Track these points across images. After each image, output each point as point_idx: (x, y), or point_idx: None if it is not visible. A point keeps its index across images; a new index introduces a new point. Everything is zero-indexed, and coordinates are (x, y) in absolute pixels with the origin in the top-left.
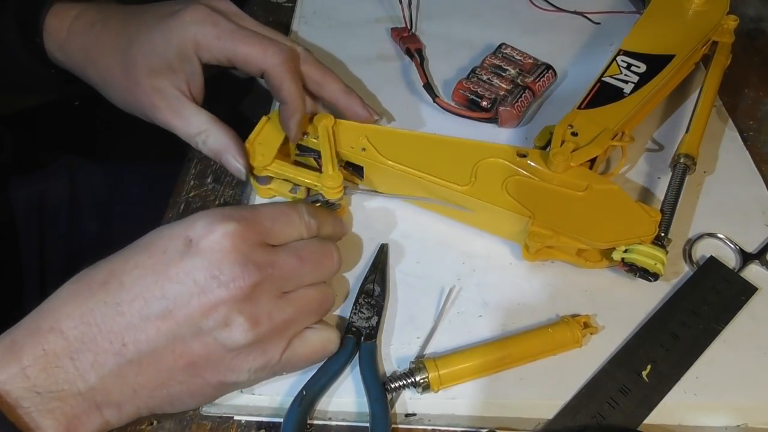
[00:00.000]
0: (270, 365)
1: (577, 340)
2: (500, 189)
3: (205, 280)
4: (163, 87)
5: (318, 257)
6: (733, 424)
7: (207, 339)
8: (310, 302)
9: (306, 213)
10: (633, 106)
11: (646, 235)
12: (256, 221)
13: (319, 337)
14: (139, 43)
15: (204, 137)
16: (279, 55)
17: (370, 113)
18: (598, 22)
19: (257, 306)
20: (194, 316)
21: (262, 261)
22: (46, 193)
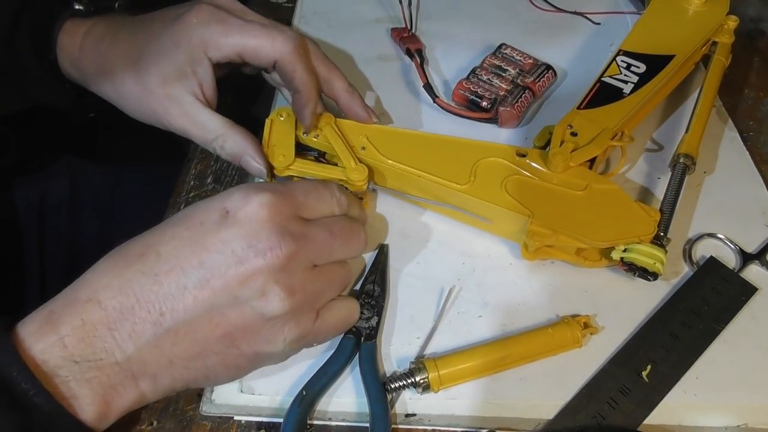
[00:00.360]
0: (303, 335)
1: (577, 341)
2: (500, 188)
3: (242, 249)
4: (177, 94)
5: (348, 234)
6: (733, 424)
7: (244, 308)
8: (336, 276)
9: (337, 191)
10: (633, 106)
11: (645, 234)
12: (290, 194)
13: (345, 306)
14: (149, 51)
15: (221, 142)
16: (289, 42)
17: (369, 115)
18: (599, 22)
19: (292, 276)
20: (231, 285)
21: (297, 232)
22: (47, 193)
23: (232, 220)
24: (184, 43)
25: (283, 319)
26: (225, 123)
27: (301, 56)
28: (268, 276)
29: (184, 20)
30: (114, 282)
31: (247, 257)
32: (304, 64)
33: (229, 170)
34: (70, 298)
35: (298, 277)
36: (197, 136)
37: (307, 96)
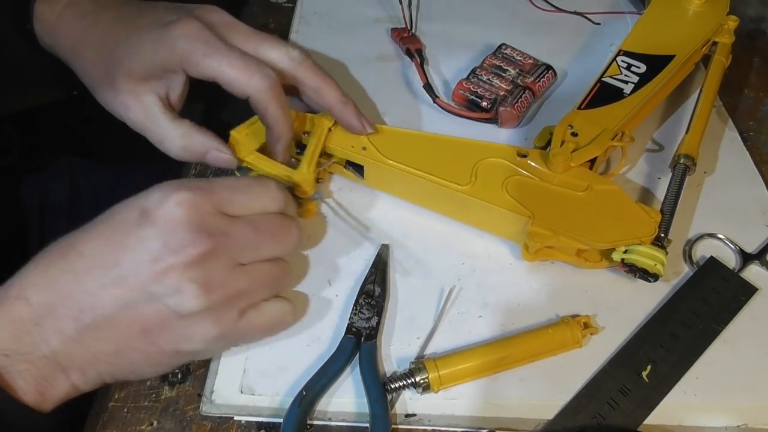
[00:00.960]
0: (224, 334)
1: (577, 341)
2: (500, 189)
3: (157, 248)
4: (141, 92)
5: (276, 230)
6: (733, 424)
7: (159, 305)
8: (266, 275)
9: (275, 188)
10: (633, 106)
11: (646, 235)
12: (211, 190)
13: (275, 308)
14: (125, 46)
15: (185, 142)
16: (263, 82)
17: (363, 126)
18: (599, 22)
19: (210, 274)
20: (146, 282)
21: (216, 229)
22: (47, 194)
23: (150, 219)
24: (163, 52)
25: (200, 316)
26: (184, 124)
27: (274, 95)
28: (183, 273)
29: (170, 30)
30: (40, 280)
31: (162, 255)
32: (276, 102)
33: (229, 170)
34: (2, 295)
35: (217, 274)
36: (151, 136)
37: (278, 134)
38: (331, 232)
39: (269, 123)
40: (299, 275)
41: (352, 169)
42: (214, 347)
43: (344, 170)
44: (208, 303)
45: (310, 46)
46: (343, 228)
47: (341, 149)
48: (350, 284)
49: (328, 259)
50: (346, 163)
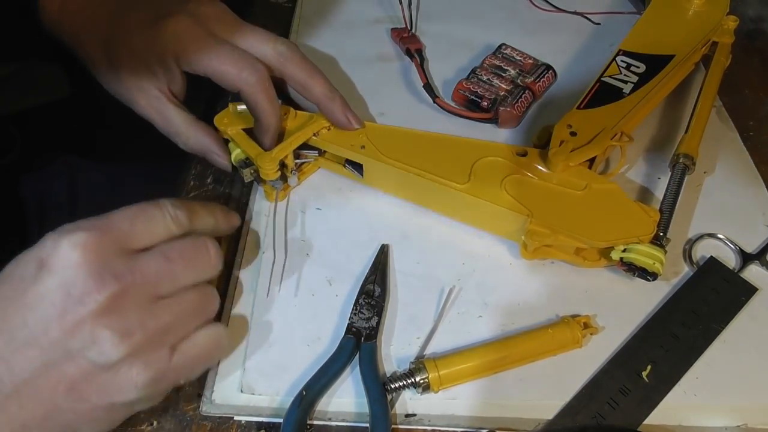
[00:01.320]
0: (159, 376)
1: (577, 341)
2: (498, 187)
3: (61, 299)
4: (146, 87)
5: (190, 255)
6: (733, 424)
7: (79, 360)
8: (188, 304)
9: (170, 206)
10: (632, 106)
11: (645, 234)
12: (108, 227)
13: (207, 335)
14: (122, 44)
15: (185, 138)
16: (252, 75)
17: (349, 121)
18: (598, 22)
19: (125, 317)
20: (59, 338)
21: (121, 269)
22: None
23: (46, 270)
24: (157, 49)
25: (126, 363)
26: (189, 120)
27: (263, 89)
28: (95, 322)
29: (162, 27)
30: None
31: (68, 307)
32: (264, 96)
33: None
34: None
35: (134, 316)
36: (161, 128)
37: (266, 125)
38: (330, 232)
39: (257, 115)
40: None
41: (351, 168)
42: (152, 391)
43: (343, 169)
44: (131, 348)
45: (310, 46)
46: (342, 228)
47: (340, 147)
48: (350, 284)
49: (328, 259)
50: (345, 161)
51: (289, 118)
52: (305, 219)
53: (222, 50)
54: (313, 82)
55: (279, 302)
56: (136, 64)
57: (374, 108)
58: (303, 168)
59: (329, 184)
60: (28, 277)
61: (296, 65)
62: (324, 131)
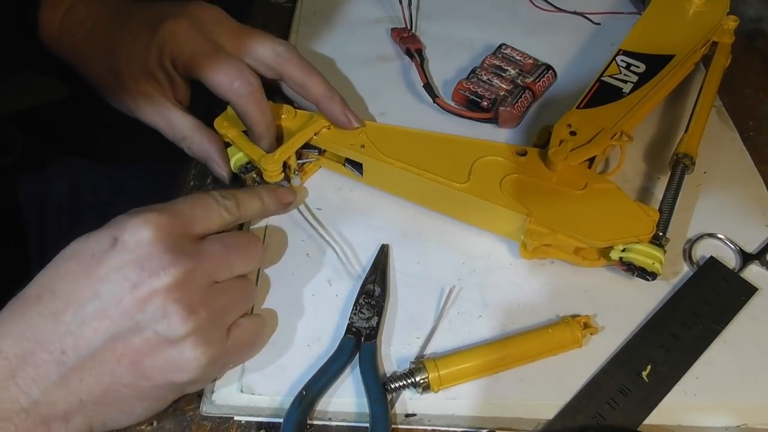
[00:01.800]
0: (217, 356)
1: (577, 341)
2: (498, 187)
3: (136, 273)
4: (149, 92)
5: (243, 245)
6: (733, 424)
7: (146, 333)
8: (239, 291)
9: (220, 197)
10: (632, 105)
11: (644, 234)
12: (175, 211)
13: (254, 323)
14: (122, 50)
15: (188, 143)
16: (243, 88)
17: (349, 120)
18: (599, 22)
19: (192, 294)
20: (130, 310)
21: (191, 250)
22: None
23: (121, 246)
24: (155, 52)
25: (191, 340)
26: (193, 125)
27: (254, 101)
28: (166, 296)
29: (160, 30)
30: (13, 329)
31: (142, 280)
32: (255, 107)
33: None
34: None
35: (199, 294)
36: (166, 134)
37: (258, 134)
38: (330, 232)
39: (248, 125)
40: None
41: (350, 167)
42: (207, 373)
43: (343, 168)
44: (196, 324)
45: (310, 46)
46: (342, 228)
47: (340, 147)
48: (350, 284)
49: (328, 259)
50: (345, 161)
51: (290, 118)
52: (305, 219)
53: (216, 58)
54: (311, 81)
55: (279, 301)
56: (138, 70)
57: (374, 108)
58: (305, 168)
59: (329, 184)
60: (100, 252)
61: (294, 65)
62: (324, 131)
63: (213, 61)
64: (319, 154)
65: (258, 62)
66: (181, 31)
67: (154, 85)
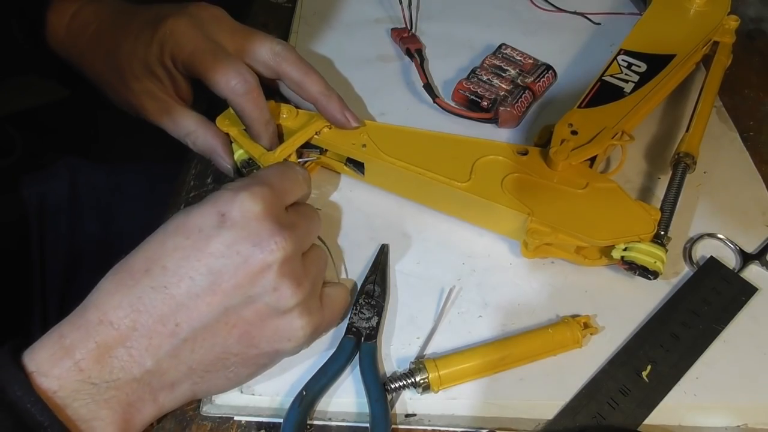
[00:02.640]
0: (318, 324)
1: (577, 341)
2: (499, 186)
3: (247, 249)
4: (152, 90)
5: (311, 215)
6: (733, 424)
7: (258, 306)
8: (320, 259)
9: (300, 168)
10: (633, 105)
11: (646, 233)
12: (273, 185)
13: (338, 290)
14: (125, 49)
15: (193, 138)
16: (240, 86)
17: (347, 119)
18: (599, 22)
19: (295, 267)
20: (243, 284)
21: (290, 222)
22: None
23: (230, 222)
24: (155, 50)
25: (298, 311)
26: (197, 120)
27: (251, 100)
28: (277, 270)
29: (161, 28)
30: (124, 301)
31: (253, 255)
32: (252, 106)
33: None
34: (81, 321)
35: (299, 266)
36: (170, 130)
37: (256, 133)
38: (330, 232)
39: (246, 123)
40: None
41: (352, 166)
42: (310, 341)
43: (344, 168)
44: (303, 296)
45: (310, 46)
46: (342, 228)
47: (342, 146)
48: (350, 284)
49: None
50: (346, 160)
51: (291, 117)
52: None
53: (215, 56)
54: (309, 80)
55: None
56: (140, 68)
57: (374, 108)
58: (305, 167)
59: (329, 184)
60: (208, 228)
61: (292, 64)
62: (325, 130)
63: (212, 60)
64: (320, 154)
65: (256, 62)
66: (181, 30)
67: (156, 83)
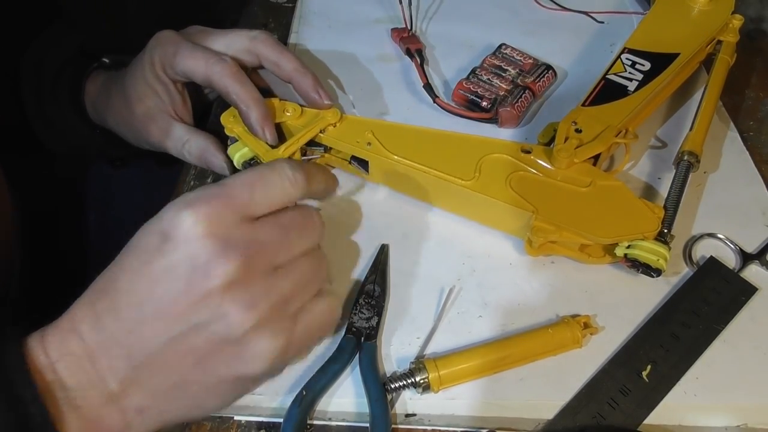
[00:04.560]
0: (285, 346)
1: (577, 341)
2: (504, 184)
3: (187, 273)
4: (152, 111)
5: (300, 222)
6: (733, 424)
7: (205, 333)
8: (305, 272)
9: (288, 168)
10: (637, 103)
11: (649, 231)
12: (229, 196)
13: (324, 304)
14: (129, 75)
15: (188, 147)
16: (219, 64)
17: (321, 97)
18: (602, 21)
19: (249, 287)
20: (186, 312)
21: (243, 240)
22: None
23: (171, 244)
24: (147, 62)
25: (255, 335)
26: (187, 128)
27: (231, 74)
28: (222, 295)
29: (149, 45)
30: (89, 316)
31: (194, 280)
32: (234, 80)
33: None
34: (60, 325)
35: (257, 286)
36: (171, 149)
37: (246, 104)
38: (330, 231)
39: (234, 101)
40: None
41: (356, 165)
42: (278, 363)
43: (349, 166)
44: (257, 319)
45: (310, 46)
46: (342, 228)
47: (346, 144)
48: (350, 284)
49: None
50: (351, 158)
51: (296, 115)
52: None
53: (195, 50)
54: (284, 58)
55: None
56: (142, 88)
57: (374, 108)
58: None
59: None
60: (151, 249)
61: (268, 45)
62: (330, 128)
63: (192, 53)
64: (324, 152)
65: (237, 50)
66: (165, 39)
67: (156, 100)
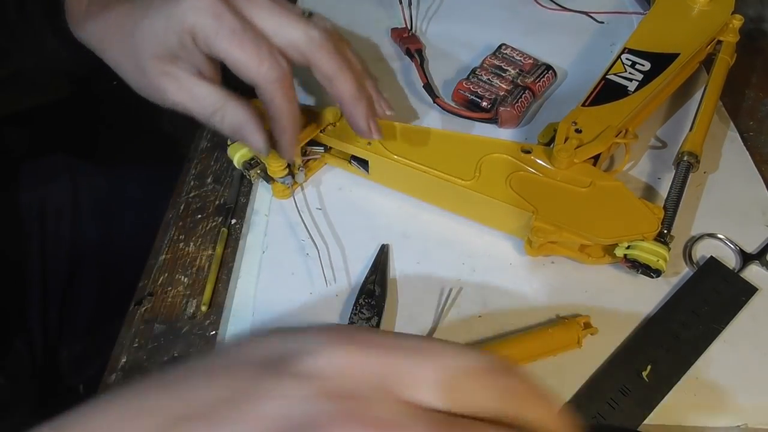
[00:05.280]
0: None
1: (577, 341)
2: (504, 184)
3: None
4: (173, 71)
5: None
6: (733, 424)
7: None
8: None
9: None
10: (637, 103)
11: (649, 231)
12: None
13: None
14: (142, 28)
15: (220, 116)
16: (273, 72)
17: (369, 129)
18: (602, 21)
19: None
20: None
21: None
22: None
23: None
24: (176, 27)
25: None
26: (223, 95)
27: (282, 88)
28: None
29: (179, 5)
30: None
31: None
32: (283, 95)
33: (229, 170)
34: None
35: None
36: (196, 111)
37: (282, 128)
38: (330, 231)
39: (273, 115)
40: None
41: (356, 164)
42: None
43: (349, 165)
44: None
45: None
46: (343, 228)
47: (347, 144)
48: (350, 284)
49: (328, 259)
50: (351, 158)
51: None
52: (305, 219)
53: (244, 36)
54: (341, 77)
55: (279, 302)
56: (157, 48)
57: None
58: (309, 164)
59: (330, 184)
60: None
61: (326, 55)
62: (330, 128)
63: (240, 40)
64: (324, 151)
65: (288, 44)
66: (204, 5)
67: (175, 62)
